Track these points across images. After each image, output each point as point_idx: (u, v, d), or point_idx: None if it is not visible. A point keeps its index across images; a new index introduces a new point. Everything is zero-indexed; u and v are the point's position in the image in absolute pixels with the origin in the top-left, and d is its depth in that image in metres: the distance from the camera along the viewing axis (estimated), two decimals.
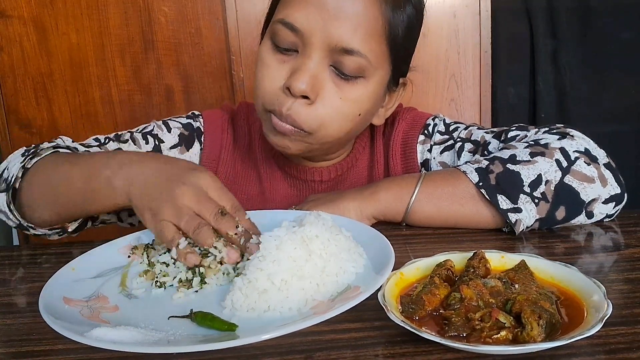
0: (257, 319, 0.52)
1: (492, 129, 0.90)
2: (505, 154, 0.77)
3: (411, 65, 0.90)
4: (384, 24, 0.78)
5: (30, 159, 0.76)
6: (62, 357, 0.49)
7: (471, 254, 0.58)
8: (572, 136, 0.80)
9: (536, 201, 0.73)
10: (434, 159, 0.93)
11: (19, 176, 0.75)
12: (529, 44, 1.82)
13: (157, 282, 0.61)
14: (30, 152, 0.79)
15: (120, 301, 0.58)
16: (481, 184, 0.74)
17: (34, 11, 1.64)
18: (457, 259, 0.58)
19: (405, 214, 0.78)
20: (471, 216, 0.76)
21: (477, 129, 0.91)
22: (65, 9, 1.65)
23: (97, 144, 0.89)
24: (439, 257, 0.58)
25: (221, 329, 0.50)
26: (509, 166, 0.75)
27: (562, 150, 0.76)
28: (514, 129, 0.86)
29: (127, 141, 0.90)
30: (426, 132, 0.94)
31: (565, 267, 0.54)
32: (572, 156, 0.76)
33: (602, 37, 1.78)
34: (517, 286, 0.52)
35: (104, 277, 0.63)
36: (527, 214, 0.73)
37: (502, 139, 0.86)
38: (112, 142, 0.89)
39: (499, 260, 0.58)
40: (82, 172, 0.71)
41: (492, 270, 0.56)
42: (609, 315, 0.45)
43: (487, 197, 0.73)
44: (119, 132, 0.93)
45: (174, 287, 0.60)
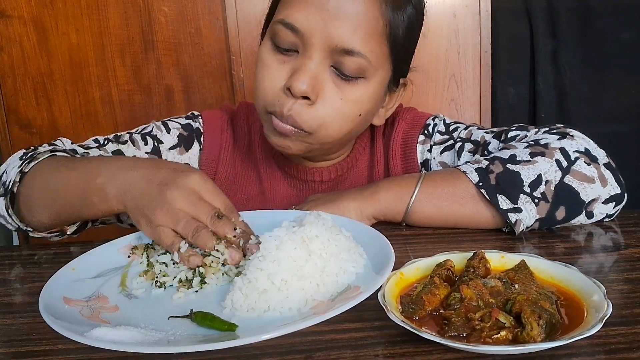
0: (257, 319, 0.52)
1: (492, 129, 0.90)
2: (505, 154, 0.77)
3: (411, 65, 0.90)
4: (385, 25, 0.78)
5: (27, 163, 0.76)
6: (62, 357, 0.49)
7: (471, 254, 0.58)
8: (572, 136, 0.80)
9: (536, 201, 0.73)
10: (434, 159, 0.93)
11: (17, 180, 0.75)
12: (529, 44, 1.82)
13: (157, 282, 0.61)
14: (28, 155, 0.78)
15: (120, 301, 0.58)
16: (481, 184, 0.74)
17: (34, 11, 1.64)
18: (457, 259, 0.58)
19: (405, 214, 0.78)
20: (471, 216, 0.76)
21: (477, 129, 0.91)
22: (65, 9, 1.65)
23: (96, 145, 0.88)
24: (439, 257, 0.58)
25: (221, 329, 0.50)
26: (509, 166, 0.75)
27: (562, 150, 0.76)
28: (514, 129, 0.86)
29: (126, 142, 0.90)
30: (426, 132, 0.94)
31: (565, 267, 0.54)
32: (572, 156, 0.76)
33: (602, 37, 1.78)
34: (517, 286, 0.52)
35: (104, 277, 0.63)
36: (527, 214, 0.73)
37: (502, 139, 0.86)
38: (111, 143, 0.89)
39: (499, 260, 0.58)
40: (78, 178, 0.71)
41: (492, 270, 0.56)
42: (609, 315, 0.45)
43: (487, 197, 0.73)
44: (118, 133, 0.92)
45: (174, 287, 0.60)
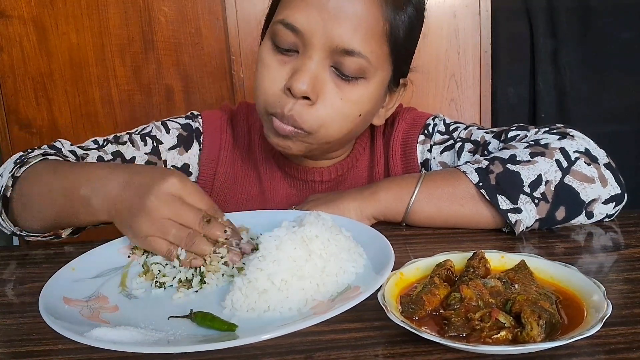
0: (257, 319, 0.52)
1: (492, 129, 0.90)
2: (505, 154, 0.77)
3: (411, 65, 0.90)
4: (385, 25, 0.78)
5: (19, 167, 0.75)
6: (62, 357, 0.49)
7: (471, 254, 0.58)
8: (572, 136, 0.79)
9: (536, 201, 0.73)
10: (434, 159, 0.93)
11: (9, 185, 0.74)
12: (529, 44, 1.82)
13: (156, 282, 0.61)
14: (21, 159, 0.78)
15: (120, 301, 0.58)
16: (481, 184, 0.74)
17: (34, 11, 1.64)
18: (457, 259, 0.58)
19: (405, 214, 0.78)
20: (471, 216, 0.76)
21: (477, 129, 0.91)
22: (65, 9, 1.65)
23: (96, 146, 0.88)
24: (439, 257, 0.58)
25: (221, 329, 0.50)
26: (509, 166, 0.75)
27: (562, 150, 0.76)
28: (514, 129, 0.86)
29: (125, 143, 0.90)
30: (426, 132, 0.94)
31: (565, 267, 0.54)
32: (572, 156, 0.76)
33: (602, 37, 1.79)
34: (517, 286, 0.52)
35: (104, 277, 0.63)
36: (527, 214, 0.73)
37: (502, 139, 0.86)
38: (110, 144, 0.89)
39: (499, 260, 0.58)
40: (62, 188, 0.70)
41: (492, 270, 0.56)
42: (608, 315, 0.45)
43: (487, 197, 0.73)
44: (118, 134, 0.92)
45: (174, 287, 0.60)
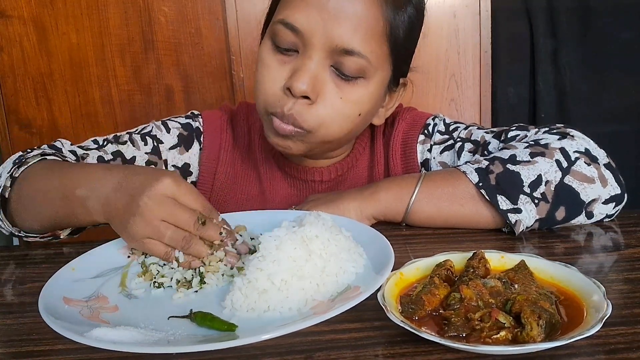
0: (257, 319, 0.52)
1: (492, 129, 0.90)
2: (505, 154, 0.77)
3: (411, 65, 0.90)
4: (385, 25, 0.78)
5: (17, 167, 0.75)
6: (62, 357, 0.49)
7: (471, 254, 0.58)
8: (572, 136, 0.79)
9: (536, 201, 0.73)
10: (433, 158, 0.93)
11: (7, 185, 0.74)
12: (529, 44, 1.82)
13: (155, 282, 0.61)
14: (20, 159, 0.77)
15: (120, 301, 0.58)
16: (481, 184, 0.74)
17: (34, 11, 1.64)
18: (457, 259, 0.58)
19: (405, 214, 0.78)
20: (471, 216, 0.76)
21: (477, 129, 0.91)
22: (65, 9, 1.65)
23: (96, 146, 0.88)
24: (439, 257, 0.58)
25: (221, 329, 0.50)
26: (508, 166, 0.75)
27: (562, 150, 0.76)
28: (514, 129, 0.86)
29: (125, 143, 0.90)
30: (426, 131, 0.94)
31: (565, 267, 0.54)
32: (572, 156, 0.76)
33: (602, 37, 1.79)
34: (516, 286, 0.52)
35: (103, 277, 0.63)
36: (527, 214, 0.73)
37: (502, 139, 0.86)
38: (110, 144, 0.89)
39: (499, 260, 0.58)
40: (59, 188, 0.69)
41: (491, 270, 0.56)
42: (608, 315, 0.45)
43: (487, 197, 0.73)
44: (118, 134, 0.92)
45: (173, 288, 0.60)
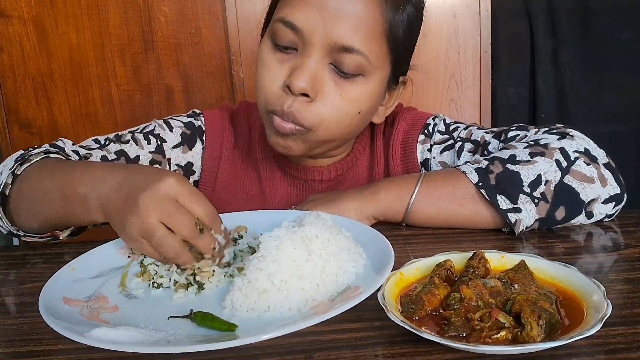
0: (257, 319, 0.52)
1: (492, 129, 0.90)
2: (505, 154, 0.77)
3: (411, 64, 0.90)
4: (384, 24, 0.78)
5: (20, 165, 0.74)
6: (62, 357, 0.49)
7: (471, 254, 0.58)
8: (572, 136, 0.80)
9: (536, 201, 0.73)
10: (433, 158, 0.93)
11: (9, 183, 0.73)
12: (529, 44, 1.82)
13: (153, 283, 0.61)
14: (22, 157, 0.77)
15: (120, 301, 0.58)
16: (481, 184, 0.74)
17: (34, 11, 1.64)
18: (457, 259, 0.58)
19: (405, 214, 0.78)
20: (471, 216, 0.76)
21: (477, 129, 0.91)
22: (65, 9, 1.65)
23: (98, 146, 0.87)
24: (439, 257, 0.58)
25: (221, 329, 0.50)
26: (508, 166, 0.75)
27: (562, 150, 0.76)
28: (514, 129, 0.86)
29: (128, 142, 0.89)
30: (426, 131, 0.94)
31: (565, 267, 0.54)
32: (572, 156, 0.76)
33: (602, 37, 1.79)
34: (516, 286, 0.52)
35: (103, 277, 0.63)
36: (527, 214, 0.73)
37: (502, 139, 0.86)
38: (113, 143, 0.88)
39: (499, 260, 0.58)
40: (60, 187, 0.68)
41: (491, 270, 0.56)
42: (608, 315, 0.45)
43: (487, 197, 0.73)
44: (120, 133, 0.91)
45: (172, 288, 0.60)
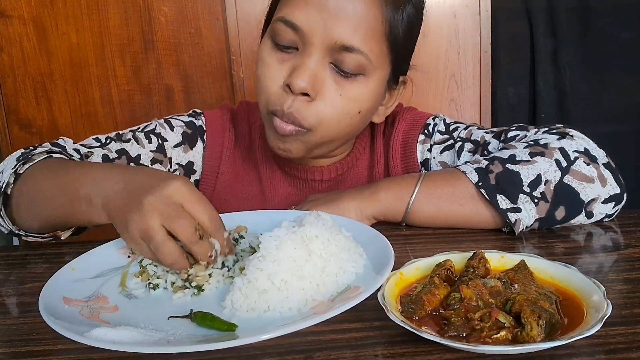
0: (257, 319, 0.52)
1: (492, 129, 0.90)
2: (504, 154, 0.77)
3: (411, 64, 0.90)
4: (385, 24, 0.78)
5: (22, 164, 0.74)
6: (62, 357, 0.49)
7: (471, 254, 0.58)
8: (572, 136, 0.80)
9: (536, 201, 0.73)
10: (433, 158, 0.93)
11: (10, 182, 0.73)
12: (529, 44, 1.82)
13: (150, 284, 0.61)
14: (24, 155, 0.77)
15: (120, 301, 0.58)
16: (481, 184, 0.74)
17: (34, 11, 1.64)
18: (457, 259, 0.58)
19: (405, 214, 0.78)
20: (471, 216, 0.76)
21: (477, 129, 0.91)
22: (65, 9, 1.65)
23: (99, 145, 0.87)
24: (439, 257, 0.58)
25: (221, 329, 0.50)
26: (508, 166, 0.75)
27: (562, 150, 0.76)
28: (514, 129, 0.86)
29: (129, 140, 0.89)
30: (426, 131, 0.94)
31: (565, 267, 0.54)
32: (572, 156, 0.76)
33: (602, 37, 1.79)
34: (516, 286, 0.52)
35: (103, 277, 0.63)
36: (527, 214, 0.73)
37: (502, 139, 0.86)
38: (114, 142, 0.88)
39: (499, 260, 0.58)
40: (63, 187, 0.68)
41: (491, 270, 0.56)
42: (608, 315, 0.45)
43: (487, 197, 0.73)
44: (120, 132, 0.91)
45: (169, 290, 0.60)
